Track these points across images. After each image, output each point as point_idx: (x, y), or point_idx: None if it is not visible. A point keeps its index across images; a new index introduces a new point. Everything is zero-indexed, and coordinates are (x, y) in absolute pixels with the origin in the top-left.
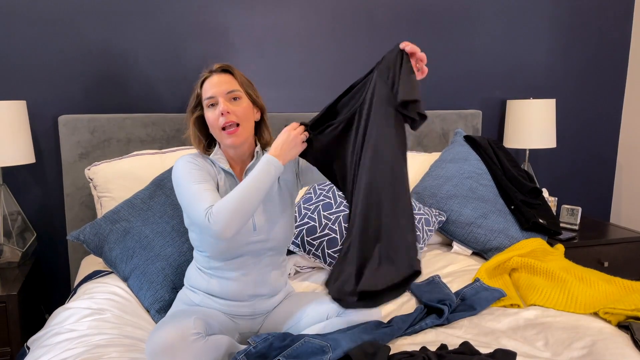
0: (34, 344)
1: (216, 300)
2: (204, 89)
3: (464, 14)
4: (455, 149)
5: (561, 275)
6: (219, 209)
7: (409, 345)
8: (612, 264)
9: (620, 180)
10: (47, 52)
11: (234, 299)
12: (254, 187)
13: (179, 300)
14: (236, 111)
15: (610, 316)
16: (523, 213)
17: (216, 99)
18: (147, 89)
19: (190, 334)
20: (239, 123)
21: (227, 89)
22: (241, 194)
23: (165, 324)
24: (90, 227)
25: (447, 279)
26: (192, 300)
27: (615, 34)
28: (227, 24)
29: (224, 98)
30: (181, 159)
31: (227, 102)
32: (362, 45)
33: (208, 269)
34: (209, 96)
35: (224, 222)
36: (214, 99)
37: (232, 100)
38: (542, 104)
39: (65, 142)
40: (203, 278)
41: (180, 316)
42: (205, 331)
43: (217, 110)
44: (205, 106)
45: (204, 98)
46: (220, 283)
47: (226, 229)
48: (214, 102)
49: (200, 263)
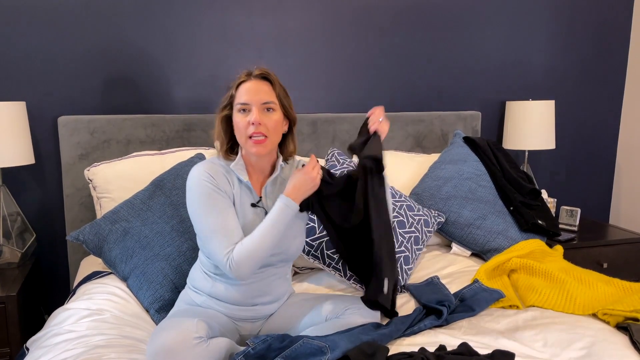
0: (33, 345)
1: (219, 302)
2: (239, 92)
3: (464, 15)
4: (454, 150)
5: (560, 276)
6: (240, 256)
7: (408, 346)
8: (611, 265)
9: (619, 182)
10: (46, 53)
11: (236, 304)
12: (273, 232)
13: (181, 300)
14: (267, 123)
15: (609, 317)
16: (522, 214)
17: (249, 106)
18: (147, 90)
19: (192, 338)
20: (267, 135)
21: (263, 99)
22: (260, 240)
23: (167, 327)
24: (90, 227)
25: (446, 280)
26: (194, 301)
27: (615, 35)
28: (226, 25)
29: (258, 108)
30: (197, 172)
31: (260, 113)
32: (361, 47)
33: (214, 273)
34: (243, 102)
35: (245, 269)
36: (247, 105)
37: (265, 110)
38: (542, 105)
39: (65, 143)
40: (207, 281)
41: (182, 319)
42: (207, 334)
43: (249, 118)
44: (236, 109)
45: (237, 102)
46: (225, 288)
47: (246, 274)
48: (246, 108)
49: (205, 267)
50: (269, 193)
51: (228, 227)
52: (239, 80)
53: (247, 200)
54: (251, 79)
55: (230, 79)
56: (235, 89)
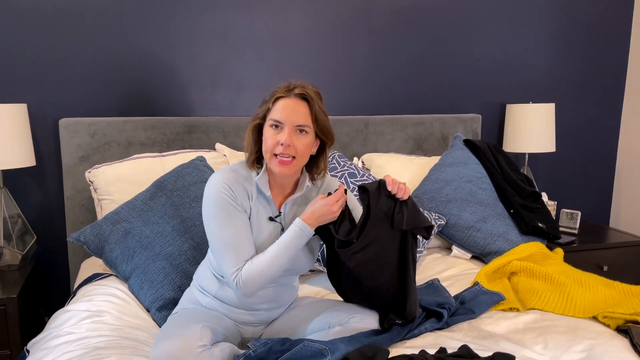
0: (34, 347)
1: (224, 305)
2: (275, 107)
3: (464, 18)
4: (454, 153)
5: (560, 279)
6: (248, 275)
7: (408, 348)
8: (612, 268)
9: (619, 185)
10: (48, 55)
11: (243, 308)
12: (284, 255)
13: (186, 299)
14: (297, 146)
15: (609, 320)
16: (522, 217)
17: (282, 125)
18: (148, 93)
19: (196, 347)
20: (295, 156)
21: (297, 122)
22: (271, 262)
23: (171, 335)
24: (91, 228)
25: (446, 283)
26: (199, 301)
27: (615, 38)
28: (227, 27)
29: (291, 128)
30: (216, 181)
31: (292, 134)
32: (361, 49)
33: (222, 276)
34: (277, 119)
35: (252, 288)
36: (280, 124)
37: (297, 132)
38: (542, 108)
39: (66, 145)
40: (215, 283)
41: (187, 325)
42: (210, 341)
43: (279, 137)
44: (268, 123)
45: (271, 117)
46: (232, 292)
47: (252, 293)
48: (279, 125)
49: (214, 268)
50: (289, 210)
51: (240, 243)
52: (277, 94)
53: (265, 213)
54: (290, 96)
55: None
56: (272, 103)
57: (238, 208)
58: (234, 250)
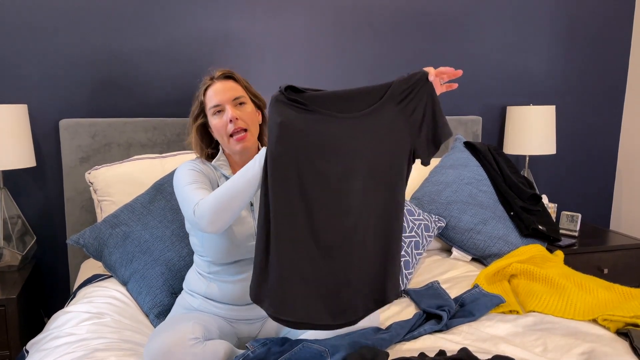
0: (33, 348)
1: (215, 304)
2: (208, 96)
3: (465, 20)
4: (455, 155)
5: (560, 281)
6: (205, 202)
7: (408, 351)
8: (612, 270)
9: (620, 187)
10: (48, 56)
11: (232, 303)
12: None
13: (178, 305)
14: (243, 116)
15: (609, 323)
16: (522, 219)
17: (222, 106)
18: (148, 94)
19: (188, 339)
20: (246, 128)
21: (233, 96)
22: (227, 187)
23: (163, 329)
24: (90, 231)
25: (446, 285)
26: (191, 305)
27: (615, 41)
28: (228, 30)
29: (231, 105)
30: (183, 165)
31: (234, 108)
32: (363, 51)
33: (208, 273)
34: (214, 104)
35: (209, 215)
36: (220, 106)
37: (238, 105)
38: (542, 110)
39: (66, 146)
40: (202, 282)
41: (179, 321)
42: (203, 336)
43: (225, 117)
44: (210, 114)
45: (208, 106)
46: (220, 287)
47: (212, 223)
48: (220, 109)
49: (200, 267)
50: None
51: (200, 188)
52: (204, 86)
53: None
54: (215, 81)
55: None
56: (203, 95)
57: (203, 177)
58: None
